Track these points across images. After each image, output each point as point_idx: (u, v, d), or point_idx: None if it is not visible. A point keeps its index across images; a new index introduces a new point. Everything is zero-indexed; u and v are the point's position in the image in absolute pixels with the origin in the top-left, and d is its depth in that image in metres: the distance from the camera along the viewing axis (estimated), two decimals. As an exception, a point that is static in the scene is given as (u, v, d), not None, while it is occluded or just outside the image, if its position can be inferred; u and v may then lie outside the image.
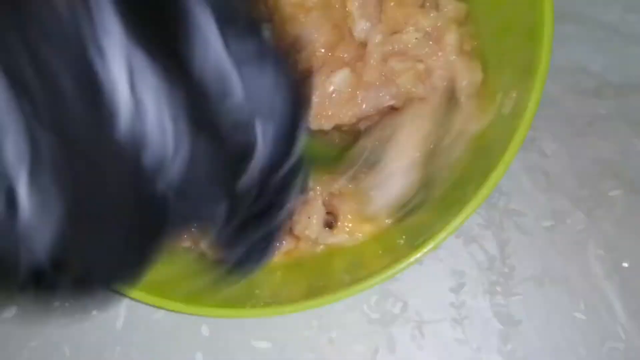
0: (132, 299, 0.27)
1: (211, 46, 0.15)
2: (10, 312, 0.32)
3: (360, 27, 0.28)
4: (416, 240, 0.26)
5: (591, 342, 0.30)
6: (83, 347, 0.31)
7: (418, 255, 0.25)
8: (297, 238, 0.29)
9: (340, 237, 0.29)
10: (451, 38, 0.28)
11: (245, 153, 0.16)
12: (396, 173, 0.27)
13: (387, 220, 0.29)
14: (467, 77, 0.28)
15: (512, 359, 0.30)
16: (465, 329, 0.30)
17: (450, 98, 0.28)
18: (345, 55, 0.28)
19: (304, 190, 0.20)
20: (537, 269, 0.31)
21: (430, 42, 0.28)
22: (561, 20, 0.29)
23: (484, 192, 0.25)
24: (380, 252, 0.28)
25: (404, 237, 0.28)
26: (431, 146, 0.28)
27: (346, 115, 0.28)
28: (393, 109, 0.28)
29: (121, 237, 0.16)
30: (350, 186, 0.29)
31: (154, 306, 0.27)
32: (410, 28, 0.28)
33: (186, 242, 0.28)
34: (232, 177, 0.16)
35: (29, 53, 0.13)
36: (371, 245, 0.29)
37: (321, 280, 0.27)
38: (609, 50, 0.35)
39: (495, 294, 0.31)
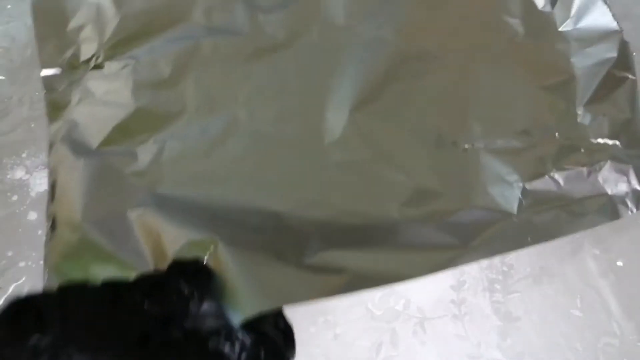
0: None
1: None
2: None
3: None
4: None
5: (587, 338, 0.31)
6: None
7: None
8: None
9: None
10: None
11: None
12: None
13: None
14: None
15: (510, 354, 0.30)
16: (466, 325, 0.31)
17: None
18: None
19: None
20: (535, 268, 0.32)
21: None
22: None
23: None
24: None
25: None
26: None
27: None
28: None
29: None
30: None
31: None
32: None
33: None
34: None
35: None
36: None
37: None
38: (604, 57, 0.37)
39: (495, 291, 0.32)
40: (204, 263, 0.29)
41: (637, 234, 0.33)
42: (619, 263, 0.32)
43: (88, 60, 0.38)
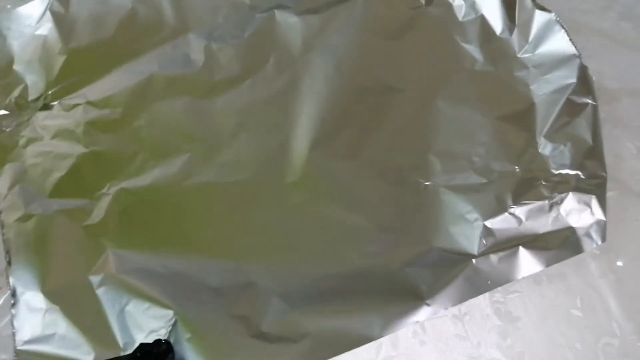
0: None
1: None
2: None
3: None
4: None
5: (587, 338, 0.31)
6: None
7: None
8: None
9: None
10: None
11: None
12: None
13: None
14: None
15: (510, 354, 0.30)
16: (466, 325, 0.31)
17: None
18: None
19: None
20: (535, 268, 0.32)
21: None
22: (558, 28, 0.30)
23: None
24: None
25: None
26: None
27: None
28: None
29: None
30: None
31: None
32: None
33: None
34: None
35: None
36: None
37: None
38: (603, 57, 0.37)
39: (495, 291, 0.32)
40: (166, 340, 0.29)
41: (637, 234, 0.33)
42: (619, 263, 0.32)
43: (36, 100, 0.37)
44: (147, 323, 0.30)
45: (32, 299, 0.31)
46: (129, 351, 0.30)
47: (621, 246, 0.33)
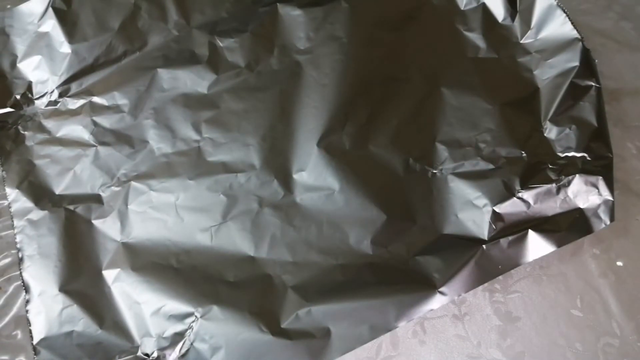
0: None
1: None
2: None
3: None
4: None
5: (587, 338, 0.31)
6: None
7: None
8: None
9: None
10: None
11: None
12: None
13: None
14: None
15: (510, 353, 0.30)
16: (466, 325, 0.31)
17: None
18: None
19: None
20: (535, 268, 0.32)
21: None
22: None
23: None
24: None
25: None
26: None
27: None
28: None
29: None
30: None
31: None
32: None
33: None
34: None
35: None
36: None
37: None
38: (603, 57, 0.37)
39: (495, 291, 0.32)
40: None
41: (637, 234, 0.33)
42: (619, 263, 0.32)
43: (41, 97, 0.37)
44: (165, 320, 0.30)
45: (48, 296, 0.31)
46: (147, 348, 0.30)
47: (621, 246, 0.33)
